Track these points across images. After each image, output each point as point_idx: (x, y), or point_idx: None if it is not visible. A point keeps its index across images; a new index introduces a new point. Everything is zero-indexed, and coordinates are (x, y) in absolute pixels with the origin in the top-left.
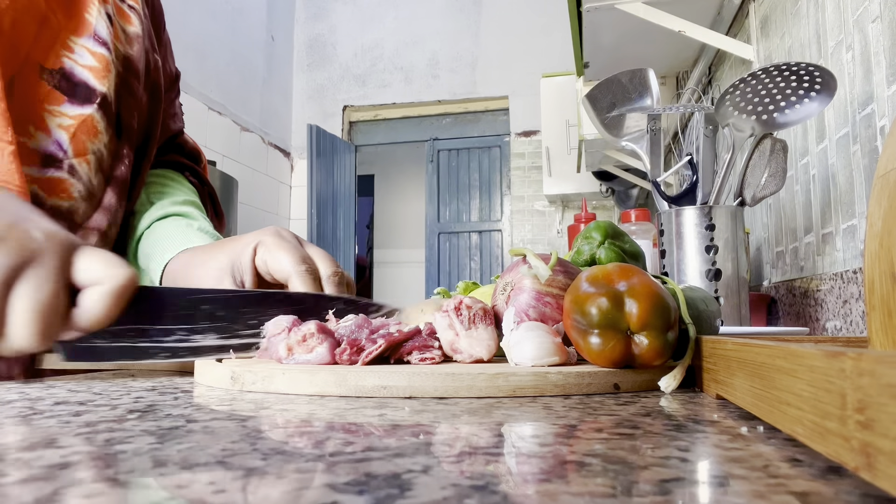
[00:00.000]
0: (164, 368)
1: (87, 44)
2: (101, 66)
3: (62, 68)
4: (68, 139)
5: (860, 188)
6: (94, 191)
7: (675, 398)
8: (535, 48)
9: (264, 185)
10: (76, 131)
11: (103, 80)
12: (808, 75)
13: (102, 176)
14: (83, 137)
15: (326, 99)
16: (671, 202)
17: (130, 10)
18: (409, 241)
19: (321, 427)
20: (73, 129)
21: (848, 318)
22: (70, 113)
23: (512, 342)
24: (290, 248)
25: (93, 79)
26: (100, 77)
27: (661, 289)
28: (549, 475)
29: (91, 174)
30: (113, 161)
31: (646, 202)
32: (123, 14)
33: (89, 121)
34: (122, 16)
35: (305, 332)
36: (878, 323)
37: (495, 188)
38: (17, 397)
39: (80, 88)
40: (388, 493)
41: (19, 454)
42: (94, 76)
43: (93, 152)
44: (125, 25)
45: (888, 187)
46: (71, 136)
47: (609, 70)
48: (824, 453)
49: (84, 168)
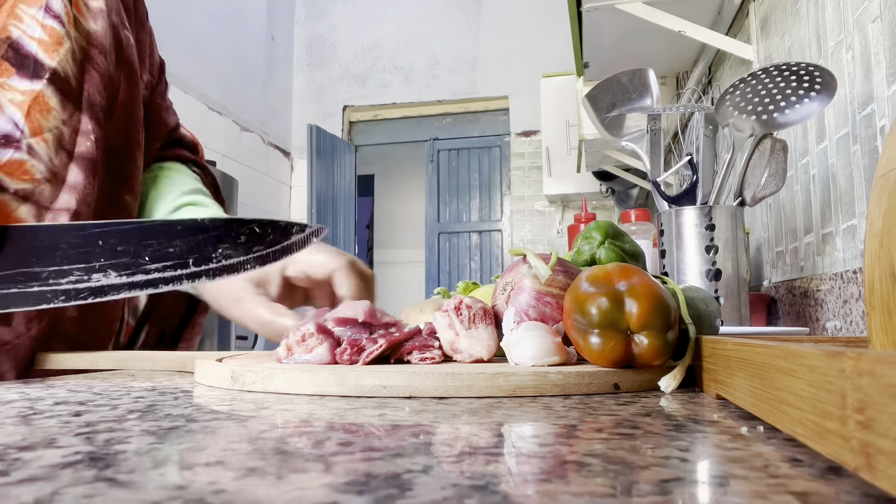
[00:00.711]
0: (164, 368)
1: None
2: (50, 41)
3: (9, 37)
4: (23, 117)
5: (860, 188)
6: (56, 170)
7: (675, 398)
8: (535, 48)
9: (264, 185)
10: (29, 108)
11: (53, 53)
12: (808, 75)
13: (66, 154)
14: (37, 115)
15: (326, 99)
16: (671, 202)
17: None
18: (409, 241)
19: (321, 427)
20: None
21: (848, 318)
22: (20, 87)
23: (512, 342)
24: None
25: (41, 52)
26: (49, 51)
27: (661, 289)
28: (549, 475)
29: (51, 153)
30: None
31: (646, 202)
32: None
33: (40, 97)
34: None
35: (305, 332)
36: (878, 323)
37: (495, 188)
38: (17, 397)
39: (29, 61)
40: (388, 493)
41: (19, 454)
42: (44, 50)
43: (49, 130)
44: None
45: (888, 187)
46: (25, 113)
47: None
48: (824, 453)
49: (42, 147)
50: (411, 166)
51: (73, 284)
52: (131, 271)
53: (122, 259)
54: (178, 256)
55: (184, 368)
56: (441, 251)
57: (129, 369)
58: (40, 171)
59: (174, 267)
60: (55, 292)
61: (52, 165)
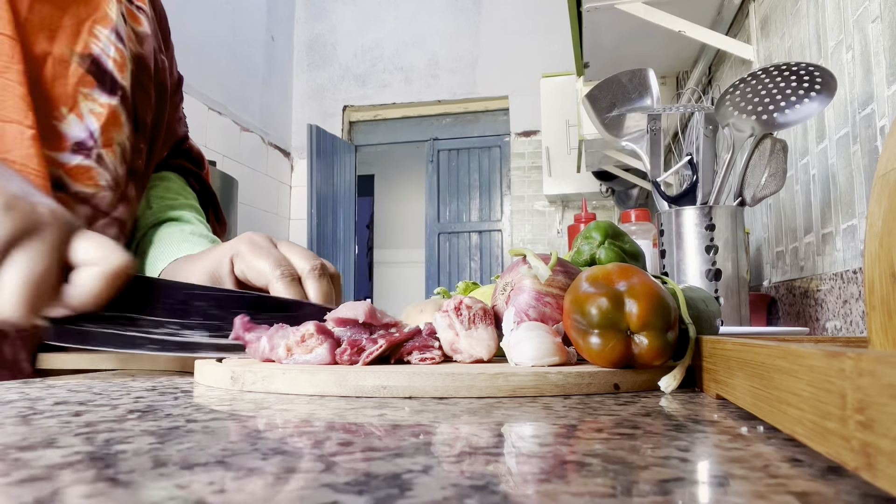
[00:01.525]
0: (164, 368)
1: (110, 36)
2: (121, 61)
3: (91, 54)
4: (99, 128)
5: (860, 188)
6: (119, 181)
7: (675, 398)
8: (535, 48)
9: (264, 185)
10: (106, 121)
11: (123, 73)
12: (808, 75)
13: (126, 168)
14: (110, 128)
15: (326, 99)
16: (671, 202)
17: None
18: (409, 241)
19: (321, 427)
20: (104, 118)
21: (848, 318)
22: (101, 100)
23: (512, 342)
24: (264, 254)
25: (116, 71)
26: (121, 71)
27: (661, 289)
28: (549, 475)
29: (117, 164)
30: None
31: (646, 202)
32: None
33: (115, 112)
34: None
35: (304, 332)
36: (878, 323)
37: (495, 188)
38: (17, 397)
39: (108, 77)
40: (388, 493)
41: (19, 454)
42: (117, 69)
43: (118, 143)
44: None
45: (888, 187)
46: (101, 126)
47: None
48: (824, 453)
49: (111, 158)
50: (411, 166)
51: (164, 336)
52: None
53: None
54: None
55: (184, 368)
56: (441, 251)
57: (129, 369)
58: (105, 179)
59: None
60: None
61: (116, 176)
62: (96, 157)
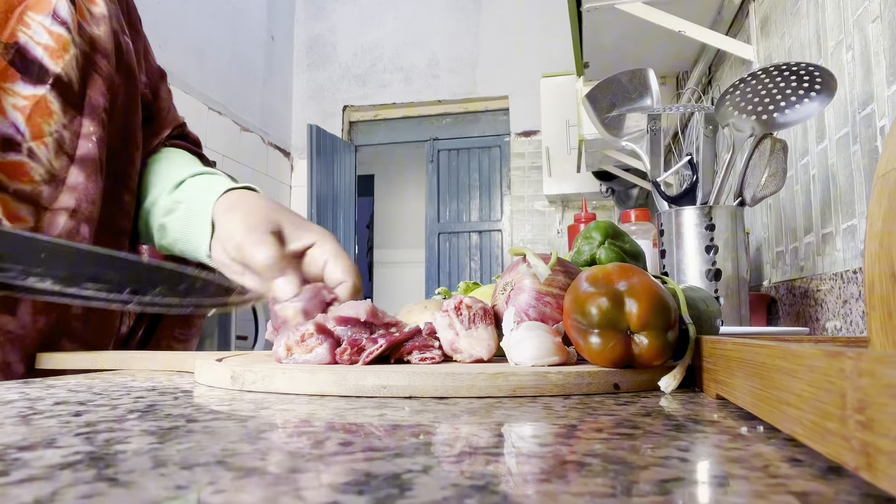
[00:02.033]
0: (164, 368)
1: (44, 21)
2: (57, 46)
3: (17, 43)
4: (24, 121)
5: (860, 188)
6: (55, 172)
7: (675, 398)
8: (535, 48)
9: (264, 185)
10: (31, 113)
11: (58, 59)
12: (808, 75)
13: (66, 157)
14: (38, 119)
15: (326, 99)
16: (671, 202)
17: None
18: (409, 241)
19: (321, 427)
20: (28, 111)
21: (848, 318)
22: (23, 93)
23: (512, 342)
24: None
25: (47, 58)
26: (55, 57)
27: (661, 289)
28: (549, 475)
29: (51, 157)
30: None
31: (646, 202)
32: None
33: (43, 102)
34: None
35: (304, 332)
36: (878, 323)
37: (495, 188)
38: (17, 397)
39: (34, 67)
40: (388, 493)
41: (19, 454)
42: (50, 56)
43: (49, 133)
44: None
45: (888, 187)
46: (26, 117)
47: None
48: (824, 453)
49: (42, 151)
50: (411, 166)
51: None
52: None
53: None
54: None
55: (184, 368)
56: (441, 251)
57: (129, 369)
58: (39, 174)
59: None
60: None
61: (51, 168)
62: (27, 152)
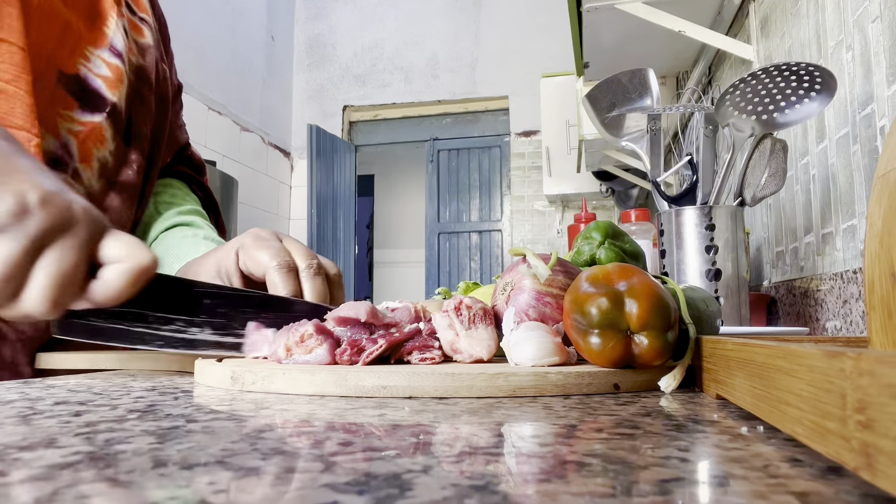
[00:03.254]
0: (164, 369)
1: (102, 55)
2: (114, 77)
3: (77, 75)
4: (76, 145)
5: (860, 188)
6: (94, 194)
7: (675, 398)
8: (535, 48)
9: (264, 185)
10: (85, 137)
11: (115, 90)
12: (808, 75)
13: (105, 181)
14: (90, 144)
15: (326, 99)
16: (671, 202)
17: (142, 22)
18: (409, 241)
19: (321, 427)
20: (83, 136)
21: (848, 318)
22: (80, 119)
23: (512, 342)
24: (266, 246)
25: (105, 88)
26: (112, 87)
27: (661, 289)
28: (549, 475)
29: (93, 179)
30: (119, 167)
31: (646, 202)
32: (136, 27)
33: (98, 129)
34: (136, 29)
35: (304, 332)
36: (878, 323)
37: (495, 188)
38: (17, 397)
39: (92, 97)
40: (388, 493)
41: (19, 454)
42: (107, 86)
43: (97, 159)
44: (138, 38)
45: (888, 187)
46: (80, 142)
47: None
48: (824, 453)
49: (87, 174)
50: (411, 166)
51: (171, 333)
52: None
53: (219, 320)
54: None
55: (184, 368)
56: (441, 251)
57: (129, 369)
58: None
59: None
60: (154, 336)
61: (91, 189)
62: (72, 172)
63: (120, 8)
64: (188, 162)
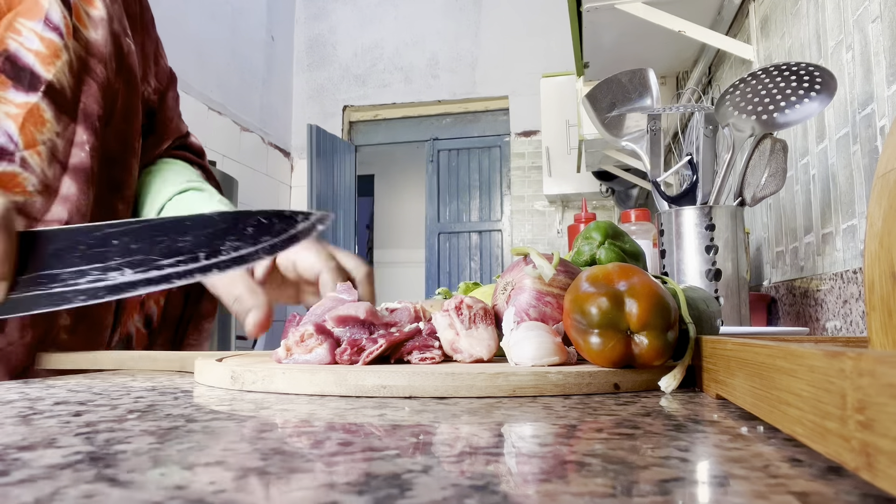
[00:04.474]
0: (164, 368)
1: (36, 27)
2: (48, 52)
3: (6, 50)
4: (17, 130)
5: (860, 188)
6: (49, 182)
7: (675, 398)
8: (535, 48)
9: (264, 185)
10: (24, 121)
11: (50, 66)
12: (808, 75)
13: (59, 166)
14: (31, 128)
15: (326, 99)
16: (671, 202)
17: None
18: (409, 241)
19: (321, 427)
20: (21, 119)
21: (848, 318)
22: (16, 100)
23: (512, 342)
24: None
25: (38, 65)
26: (46, 63)
27: (661, 289)
28: (549, 475)
29: (44, 165)
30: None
31: (646, 202)
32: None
33: (35, 110)
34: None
35: (304, 332)
36: (878, 323)
37: (495, 188)
38: (17, 397)
39: (25, 73)
40: (388, 493)
41: (19, 454)
42: (41, 62)
43: (43, 143)
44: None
45: (888, 187)
46: (19, 126)
47: (609, 70)
48: (824, 453)
49: (36, 160)
50: (411, 166)
51: (90, 284)
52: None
53: (136, 257)
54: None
55: (184, 368)
56: (441, 251)
57: (129, 369)
58: (32, 184)
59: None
60: (75, 292)
61: (44, 178)
62: (20, 162)
63: None
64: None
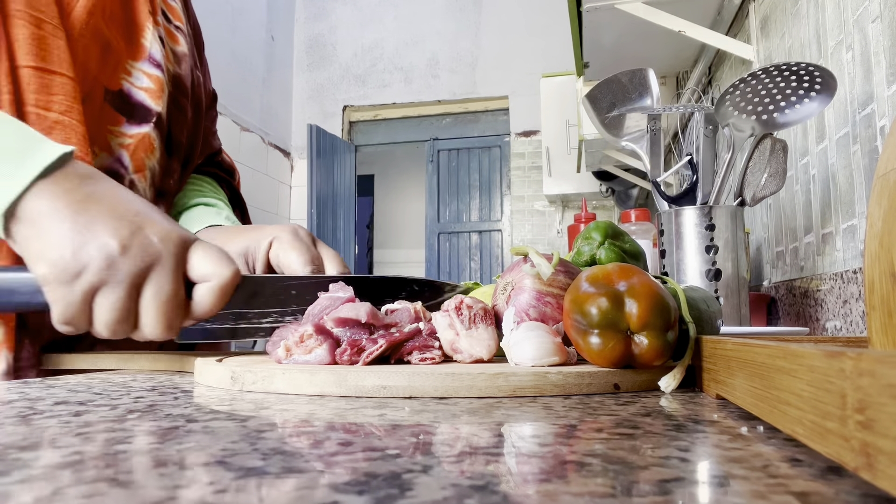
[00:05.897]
0: (164, 368)
1: (143, 67)
2: (156, 88)
3: (121, 90)
4: (129, 156)
5: (860, 188)
6: None
7: (675, 398)
8: (535, 48)
9: (264, 185)
10: (135, 148)
11: (158, 100)
12: (808, 75)
13: (154, 190)
14: (141, 154)
15: (326, 99)
16: (671, 202)
17: (177, 30)
18: (409, 241)
19: (321, 427)
20: (133, 147)
21: (848, 318)
22: (129, 132)
23: (512, 342)
24: (302, 248)
25: (148, 99)
26: (155, 97)
27: (661, 289)
28: (549, 475)
29: (146, 188)
30: (163, 176)
31: (646, 202)
32: (172, 35)
33: (147, 139)
34: (171, 37)
35: (303, 332)
36: (878, 323)
37: (495, 188)
38: (17, 397)
39: (138, 109)
40: (388, 493)
41: (19, 454)
42: (150, 97)
43: (149, 168)
44: (174, 46)
45: (888, 187)
46: (131, 153)
47: (609, 70)
48: (824, 453)
49: (142, 183)
50: (411, 166)
51: (270, 324)
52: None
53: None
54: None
55: (184, 368)
56: (441, 251)
57: (129, 369)
58: None
59: None
60: (257, 330)
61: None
62: (129, 184)
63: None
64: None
